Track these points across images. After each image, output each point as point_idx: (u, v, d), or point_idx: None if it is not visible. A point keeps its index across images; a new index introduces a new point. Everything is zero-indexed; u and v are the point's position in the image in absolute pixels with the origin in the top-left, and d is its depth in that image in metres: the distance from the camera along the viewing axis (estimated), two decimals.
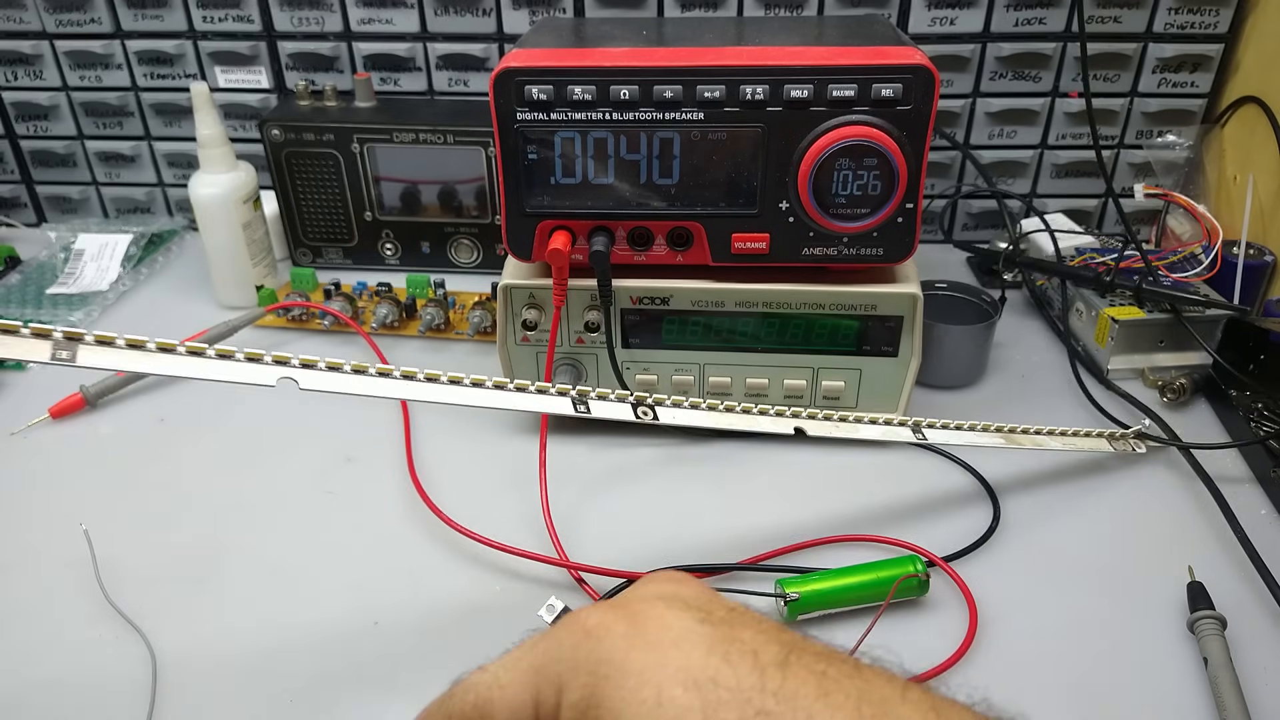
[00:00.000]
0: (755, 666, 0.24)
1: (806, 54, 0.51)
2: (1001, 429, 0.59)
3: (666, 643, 0.25)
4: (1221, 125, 0.81)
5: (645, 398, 0.49)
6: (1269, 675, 0.45)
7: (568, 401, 0.47)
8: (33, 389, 0.67)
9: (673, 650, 0.25)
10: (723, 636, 0.25)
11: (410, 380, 0.43)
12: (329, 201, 0.80)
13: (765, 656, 0.24)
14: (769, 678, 0.23)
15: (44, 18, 0.83)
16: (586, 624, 0.27)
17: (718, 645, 0.25)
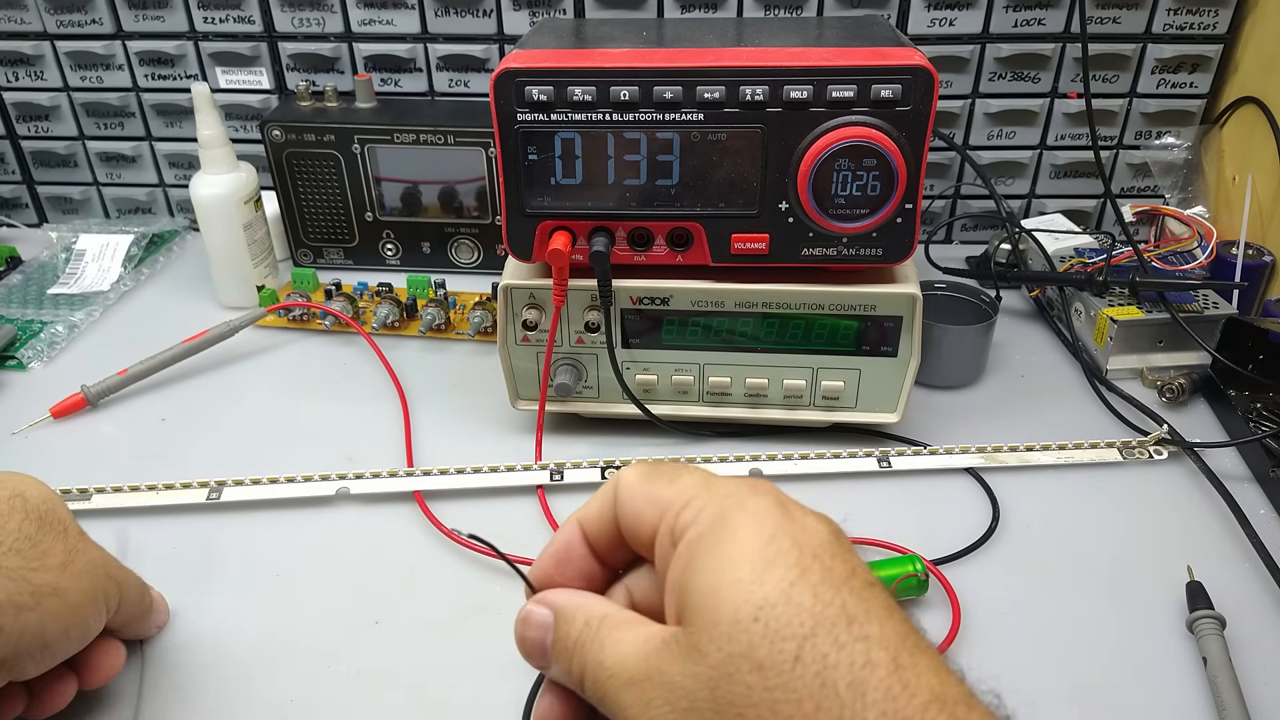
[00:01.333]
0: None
1: (806, 55, 0.51)
2: (984, 449, 0.59)
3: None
4: (1220, 126, 0.81)
5: (613, 462, 0.56)
6: (1268, 675, 0.45)
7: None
8: (34, 389, 0.67)
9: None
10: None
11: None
12: (330, 202, 0.80)
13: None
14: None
15: (45, 18, 0.83)
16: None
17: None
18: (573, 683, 0.29)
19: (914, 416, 0.63)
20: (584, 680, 0.29)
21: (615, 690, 0.27)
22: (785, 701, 0.24)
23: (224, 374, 0.70)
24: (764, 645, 0.24)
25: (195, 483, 0.57)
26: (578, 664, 0.29)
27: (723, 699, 0.24)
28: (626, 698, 0.27)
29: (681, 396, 0.61)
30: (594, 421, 0.63)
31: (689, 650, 0.26)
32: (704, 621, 0.25)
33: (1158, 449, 0.60)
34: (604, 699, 0.28)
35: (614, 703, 0.27)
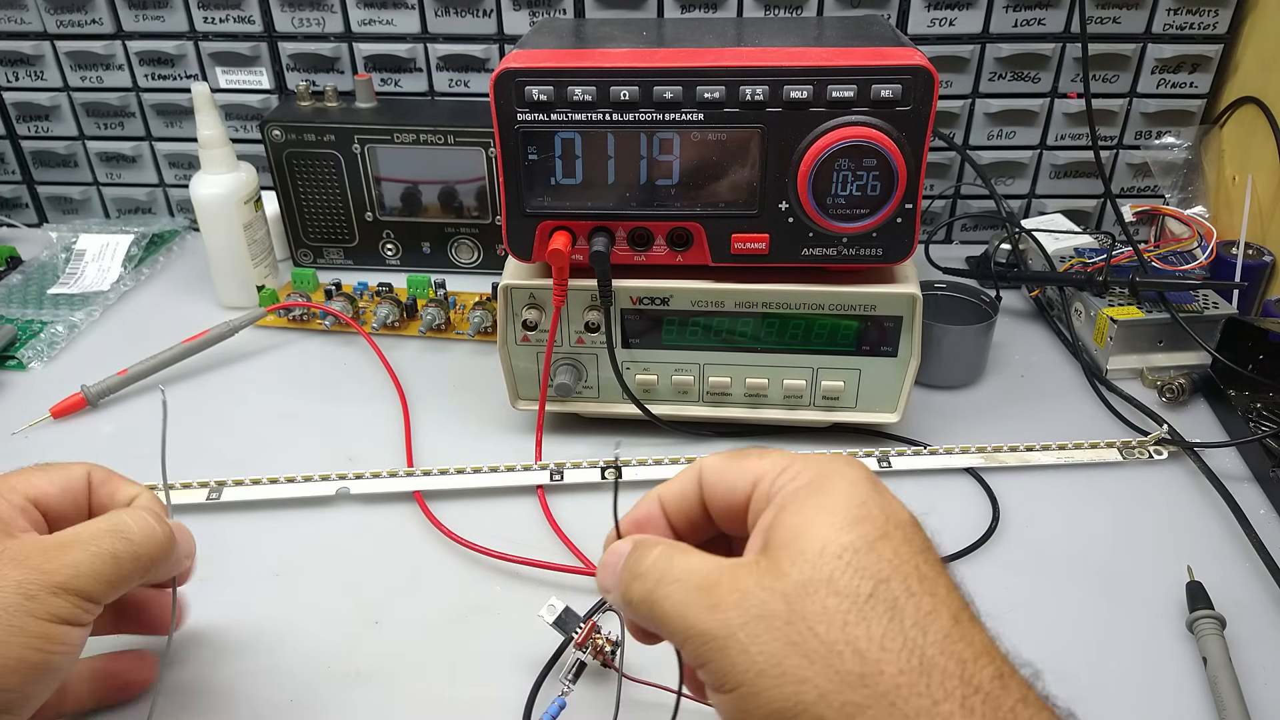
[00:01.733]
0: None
1: (806, 55, 0.51)
2: (984, 449, 0.59)
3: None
4: (1220, 126, 0.81)
5: (613, 462, 0.58)
6: (1268, 675, 0.45)
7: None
8: (34, 389, 0.67)
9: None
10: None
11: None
12: (330, 202, 0.80)
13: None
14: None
15: (45, 18, 0.83)
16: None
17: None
18: (629, 598, 0.31)
19: (914, 416, 0.63)
20: (641, 590, 0.30)
21: (680, 593, 0.29)
22: (855, 624, 0.26)
23: (224, 374, 0.70)
24: (844, 577, 0.27)
25: (195, 483, 0.57)
26: (641, 583, 0.30)
27: (796, 611, 0.27)
28: (691, 599, 0.28)
29: (681, 396, 0.61)
30: (594, 421, 0.63)
31: (770, 568, 0.28)
32: (790, 550, 0.28)
33: (1158, 449, 0.60)
34: (660, 603, 0.29)
35: (674, 606, 0.29)
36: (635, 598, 0.30)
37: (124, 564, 0.36)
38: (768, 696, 0.26)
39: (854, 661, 0.26)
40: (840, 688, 0.26)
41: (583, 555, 0.52)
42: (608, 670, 0.44)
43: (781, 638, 0.27)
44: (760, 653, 0.27)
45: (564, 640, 0.45)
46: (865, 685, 0.25)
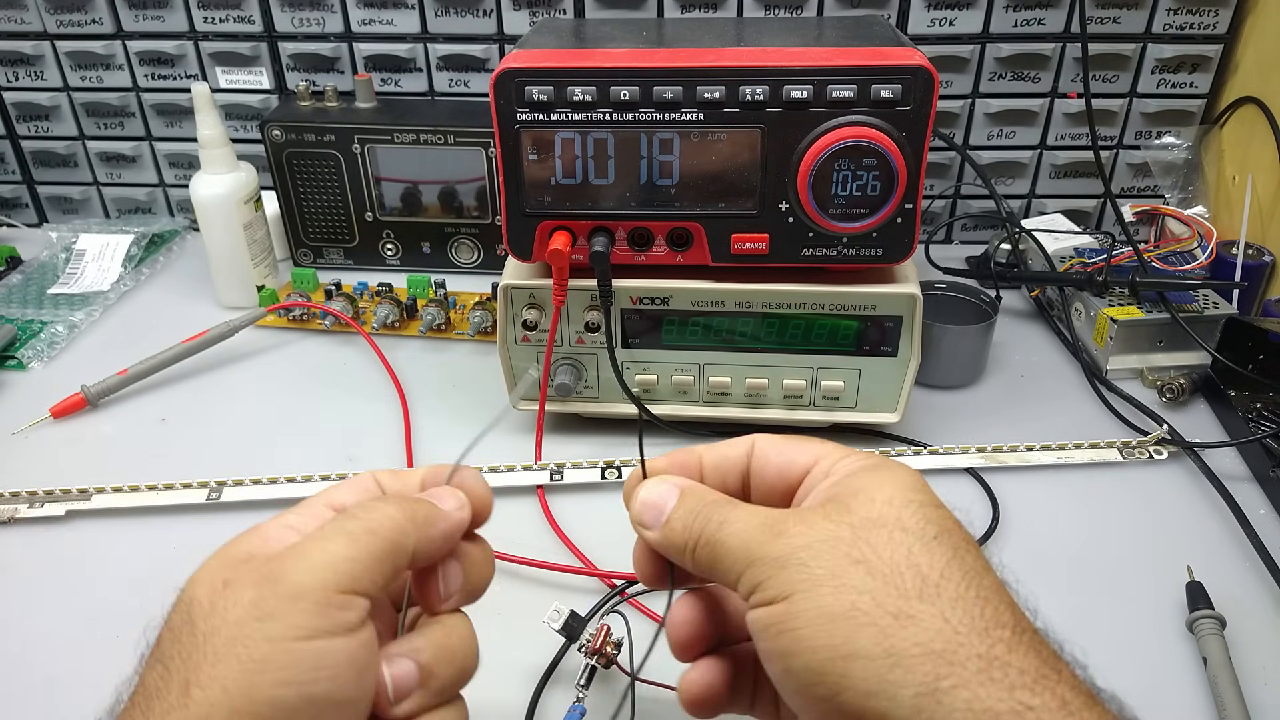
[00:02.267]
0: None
1: (806, 55, 0.51)
2: (984, 449, 0.59)
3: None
4: (1220, 126, 0.81)
5: (613, 462, 0.58)
6: (1268, 675, 0.45)
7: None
8: (34, 389, 0.67)
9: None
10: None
11: None
12: (330, 202, 0.80)
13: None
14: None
15: (45, 18, 0.83)
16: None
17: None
18: (690, 535, 0.31)
19: (914, 416, 0.63)
20: (710, 529, 0.30)
21: (745, 529, 0.29)
22: (920, 554, 0.27)
23: (224, 374, 0.70)
24: (912, 519, 0.28)
25: (195, 483, 0.57)
26: (706, 524, 0.30)
27: (862, 537, 0.27)
28: (756, 532, 0.29)
29: (681, 396, 0.61)
30: (594, 421, 0.63)
31: (837, 508, 0.29)
32: (860, 497, 0.29)
33: (1158, 449, 0.60)
34: (725, 540, 0.30)
35: (739, 539, 0.29)
36: (695, 537, 0.31)
37: (361, 541, 0.28)
38: (823, 601, 0.26)
39: (914, 581, 0.26)
40: (896, 598, 0.26)
41: (583, 555, 0.52)
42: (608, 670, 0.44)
43: (844, 555, 0.27)
44: (820, 567, 0.27)
45: (565, 643, 0.45)
46: (922, 600, 0.26)
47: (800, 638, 0.26)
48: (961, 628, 0.26)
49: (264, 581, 0.27)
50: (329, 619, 0.26)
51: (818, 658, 0.26)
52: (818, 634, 0.26)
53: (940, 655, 0.25)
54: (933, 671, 0.25)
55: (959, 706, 0.24)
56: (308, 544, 0.28)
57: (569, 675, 0.45)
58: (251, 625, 0.26)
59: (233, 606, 0.26)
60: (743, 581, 0.29)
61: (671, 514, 0.32)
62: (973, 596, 0.27)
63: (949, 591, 0.26)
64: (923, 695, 0.25)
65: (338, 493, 0.33)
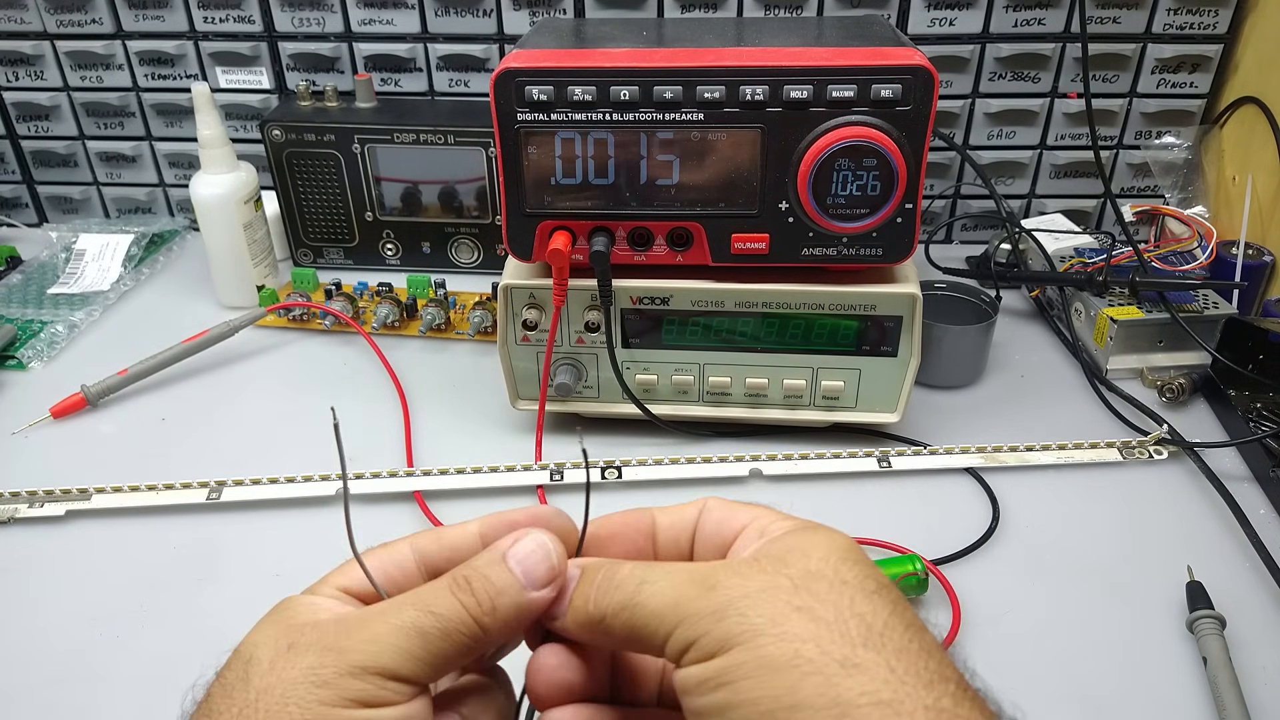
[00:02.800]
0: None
1: (806, 55, 0.51)
2: (984, 449, 0.60)
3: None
4: (1220, 126, 0.81)
5: (613, 462, 0.58)
6: (1268, 675, 0.45)
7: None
8: (34, 389, 0.67)
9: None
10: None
11: None
12: (330, 202, 0.80)
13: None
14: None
15: (45, 18, 0.83)
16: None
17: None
18: (601, 608, 0.29)
19: (914, 416, 0.63)
20: (620, 597, 0.28)
21: (670, 587, 0.28)
22: (863, 603, 0.26)
23: (224, 374, 0.70)
24: (850, 572, 0.27)
25: (195, 483, 0.57)
26: (619, 591, 0.29)
27: (803, 587, 0.26)
28: (684, 589, 0.27)
29: (681, 396, 0.61)
30: (594, 421, 0.63)
31: (775, 561, 0.28)
32: (796, 554, 0.28)
33: (1158, 449, 0.60)
34: (645, 603, 0.28)
35: (664, 599, 0.28)
36: (610, 606, 0.29)
37: (433, 640, 0.28)
38: (764, 651, 0.25)
39: (859, 629, 0.26)
40: (842, 645, 0.25)
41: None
42: None
43: (785, 603, 0.26)
44: (760, 615, 0.26)
45: None
46: (867, 648, 0.25)
47: (739, 690, 0.25)
48: (908, 678, 0.25)
49: (326, 651, 0.27)
50: (381, 695, 0.27)
51: (758, 709, 0.25)
52: (759, 685, 0.25)
53: (888, 705, 0.24)
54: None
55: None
56: (378, 621, 0.28)
57: None
58: (305, 688, 0.27)
59: (291, 669, 0.27)
60: (673, 641, 0.27)
61: (573, 592, 0.30)
62: (916, 648, 0.26)
63: (893, 642, 0.25)
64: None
65: (342, 580, 0.32)
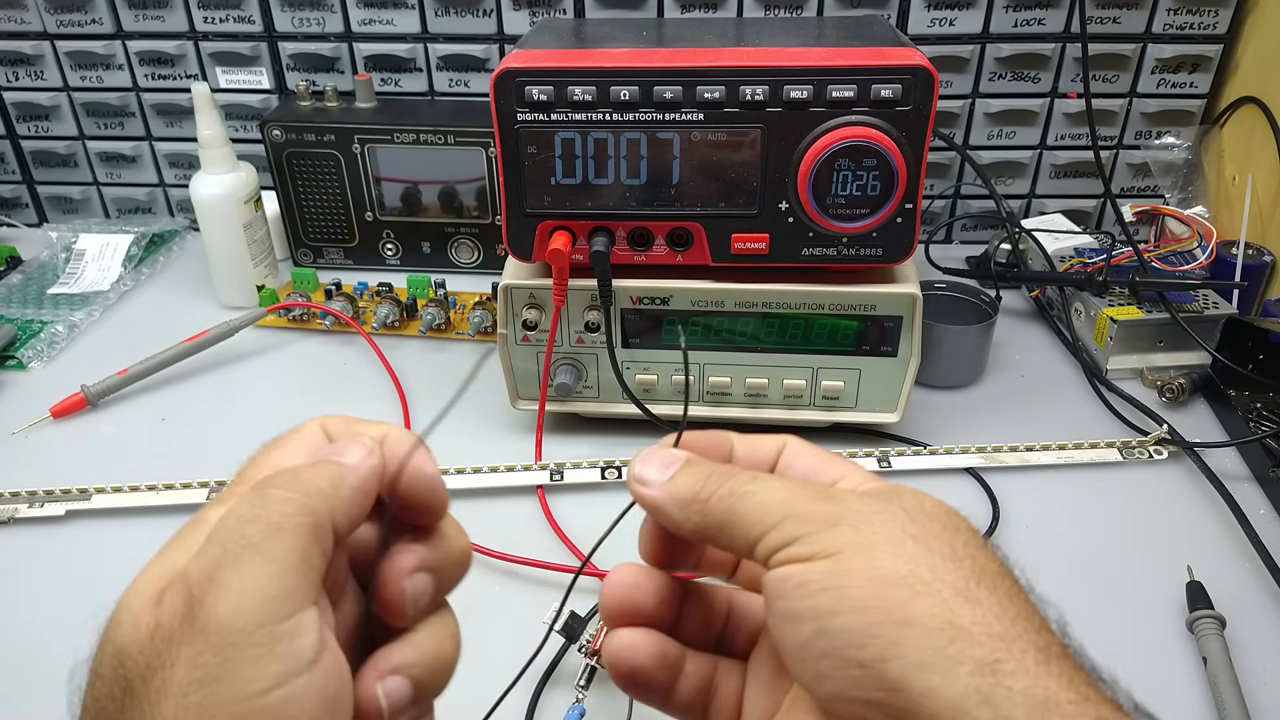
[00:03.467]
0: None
1: (806, 55, 0.51)
2: (984, 449, 0.60)
3: None
4: (1220, 126, 0.81)
5: (613, 462, 0.58)
6: (1268, 675, 0.45)
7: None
8: (34, 389, 0.67)
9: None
10: None
11: None
12: (330, 202, 0.80)
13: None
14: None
15: (45, 18, 0.83)
16: None
17: None
18: (708, 489, 0.29)
19: (914, 416, 0.63)
20: (732, 486, 0.28)
21: (783, 487, 0.28)
22: (977, 551, 0.26)
23: (224, 374, 0.70)
24: (962, 524, 0.27)
25: (195, 483, 0.57)
26: (732, 482, 0.28)
27: (919, 522, 0.26)
28: (799, 492, 0.27)
29: (681, 396, 0.61)
30: (594, 421, 0.63)
31: (890, 495, 0.28)
32: (907, 496, 0.27)
33: (1158, 449, 0.60)
34: (754, 494, 0.28)
35: (776, 496, 0.27)
36: (719, 489, 0.28)
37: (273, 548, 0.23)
38: (880, 564, 0.25)
39: (973, 568, 0.25)
40: (957, 576, 0.24)
41: (583, 555, 0.52)
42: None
43: (900, 529, 0.26)
44: (875, 532, 0.25)
45: (564, 643, 0.45)
46: (981, 586, 0.25)
47: (846, 595, 0.24)
48: (1020, 620, 0.24)
49: (194, 634, 0.22)
50: (281, 660, 0.22)
51: (865, 619, 0.24)
52: (870, 595, 0.24)
53: (1001, 639, 0.23)
54: (994, 652, 0.23)
55: (1019, 690, 0.23)
56: (222, 573, 0.23)
57: (569, 675, 0.45)
58: (198, 694, 0.22)
59: (170, 671, 0.22)
60: (774, 535, 0.26)
61: (679, 471, 0.30)
62: (1025, 599, 0.25)
63: (1004, 588, 0.25)
64: (982, 675, 0.23)
65: (281, 457, 0.28)
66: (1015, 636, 0.24)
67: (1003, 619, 0.24)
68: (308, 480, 0.25)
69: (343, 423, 0.29)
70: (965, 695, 0.22)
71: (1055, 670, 0.23)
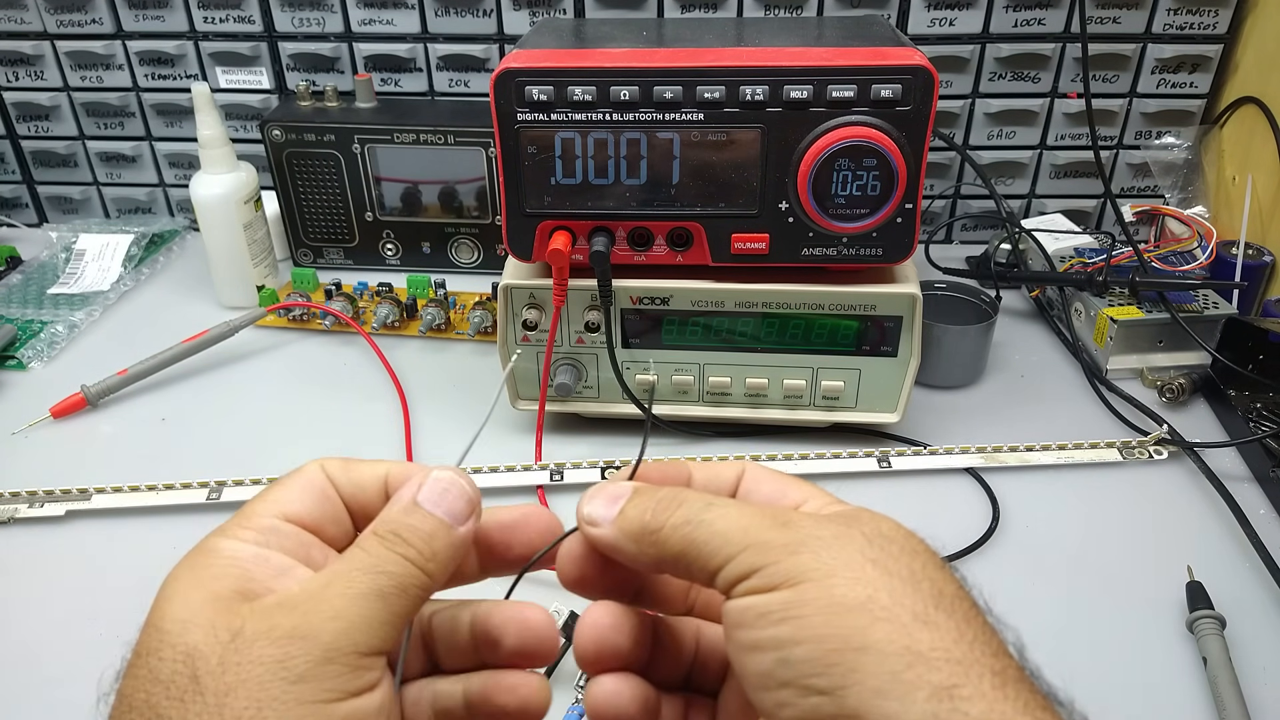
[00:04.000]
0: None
1: (806, 55, 0.51)
2: (984, 449, 0.60)
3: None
4: (1220, 126, 0.81)
5: (613, 462, 0.57)
6: (1268, 675, 0.45)
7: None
8: (34, 389, 0.67)
9: None
10: None
11: None
12: (330, 202, 0.80)
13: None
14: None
15: (45, 18, 0.83)
16: None
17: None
18: (660, 519, 0.28)
19: (914, 416, 0.63)
20: (685, 513, 0.28)
21: (739, 515, 0.27)
22: (935, 570, 0.26)
23: (224, 374, 0.70)
24: (920, 548, 0.27)
25: (195, 483, 0.57)
26: (685, 508, 0.28)
27: (876, 546, 0.26)
28: (755, 520, 0.27)
29: (681, 396, 0.61)
30: (594, 421, 0.63)
31: (846, 520, 0.28)
32: (864, 519, 0.28)
33: (1158, 449, 0.60)
34: (711, 523, 0.27)
35: (732, 523, 0.27)
36: (671, 519, 0.28)
37: (392, 601, 0.27)
38: (838, 591, 0.25)
39: (931, 591, 0.25)
40: (915, 600, 0.25)
41: None
42: None
43: (858, 553, 0.26)
44: (834, 558, 0.26)
45: (565, 644, 0.45)
46: (939, 609, 0.25)
47: (806, 625, 0.25)
48: (977, 644, 0.24)
49: (289, 639, 0.25)
50: (358, 680, 0.26)
51: (824, 648, 0.24)
52: (828, 622, 0.24)
53: (959, 663, 0.24)
54: (950, 677, 0.23)
55: (975, 715, 0.23)
56: (337, 599, 0.26)
57: (569, 675, 0.45)
58: (280, 687, 0.24)
59: (253, 665, 0.24)
60: (733, 565, 0.26)
61: (626, 503, 0.29)
62: (982, 621, 0.25)
63: (962, 610, 0.25)
64: (938, 700, 0.23)
65: (286, 496, 0.30)
66: (972, 661, 0.24)
67: (960, 643, 0.24)
68: (434, 555, 0.28)
69: (342, 464, 0.32)
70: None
71: (1011, 694, 0.24)
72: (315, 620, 0.25)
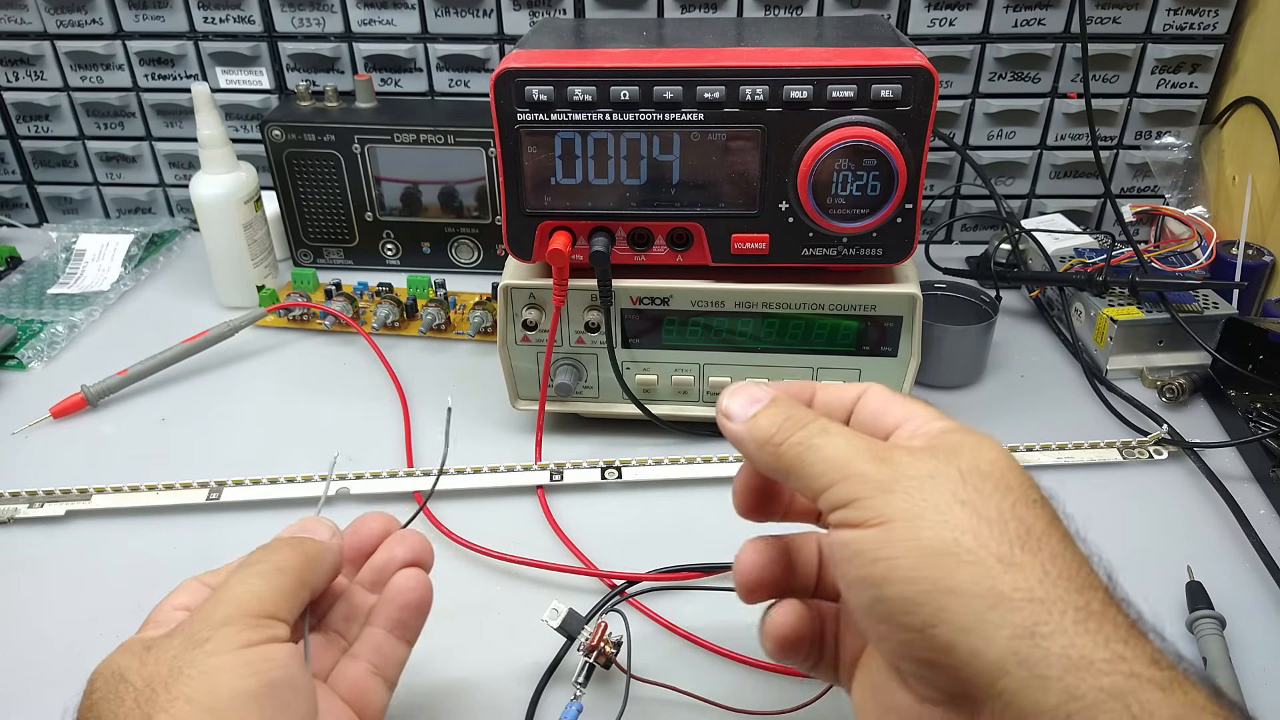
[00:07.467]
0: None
1: (806, 55, 0.51)
2: None
3: None
4: (1220, 126, 0.81)
5: (613, 462, 0.58)
6: (1268, 675, 0.45)
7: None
8: (34, 389, 0.67)
9: None
10: None
11: None
12: (330, 202, 0.80)
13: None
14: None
15: (45, 18, 0.83)
16: None
17: None
18: (781, 434, 0.31)
19: None
20: (804, 434, 0.30)
21: (846, 443, 0.29)
22: (1025, 508, 0.28)
23: (224, 374, 0.70)
24: (1016, 481, 0.29)
25: (195, 483, 0.57)
26: (805, 429, 0.30)
27: (970, 483, 0.28)
28: (859, 450, 0.29)
29: (681, 396, 0.61)
30: (594, 421, 0.63)
31: (947, 453, 0.29)
32: (966, 451, 0.29)
33: (1158, 449, 0.60)
34: (820, 448, 0.30)
35: (837, 451, 0.29)
36: (791, 436, 0.30)
37: (270, 578, 0.33)
38: (924, 534, 0.26)
39: (1018, 531, 0.27)
40: (1001, 542, 0.26)
41: (583, 555, 0.52)
42: (609, 671, 0.44)
43: (949, 494, 0.27)
44: (924, 500, 0.27)
45: (565, 642, 0.45)
46: (1024, 550, 0.26)
47: (897, 567, 0.26)
48: (1061, 581, 0.26)
49: (192, 622, 0.31)
50: (257, 633, 0.31)
51: (914, 589, 0.26)
52: (917, 565, 0.26)
53: (1040, 603, 0.25)
54: (1032, 616, 0.25)
55: (1055, 651, 0.24)
56: (227, 585, 0.33)
57: (569, 674, 0.45)
58: (193, 651, 0.30)
59: (166, 650, 0.30)
60: (833, 492, 0.28)
61: (761, 410, 0.32)
62: (1070, 557, 0.27)
63: (1049, 548, 0.27)
64: (1020, 638, 0.25)
65: (179, 597, 0.35)
66: (1055, 599, 0.25)
67: (1044, 582, 0.26)
68: (302, 548, 0.36)
69: (211, 574, 0.37)
70: (1004, 657, 0.25)
71: (1093, 629, 0.25)
72: (210, 605, 0.32)
